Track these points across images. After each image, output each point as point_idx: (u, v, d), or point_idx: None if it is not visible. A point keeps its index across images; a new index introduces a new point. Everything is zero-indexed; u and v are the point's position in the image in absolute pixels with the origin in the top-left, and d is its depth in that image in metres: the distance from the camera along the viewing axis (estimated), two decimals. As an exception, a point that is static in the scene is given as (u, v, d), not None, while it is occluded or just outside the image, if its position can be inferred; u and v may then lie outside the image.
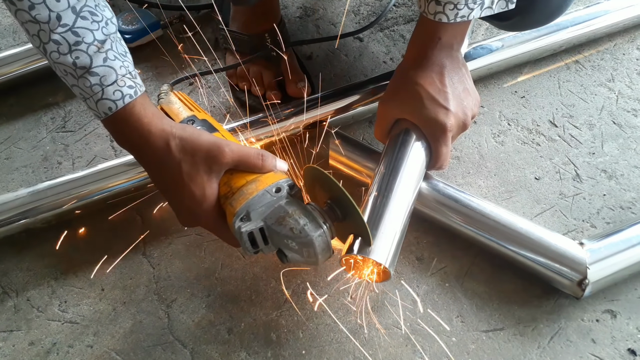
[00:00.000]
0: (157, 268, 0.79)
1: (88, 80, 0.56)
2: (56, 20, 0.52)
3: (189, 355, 0.71)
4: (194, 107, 0.74)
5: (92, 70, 0.55)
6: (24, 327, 0.75)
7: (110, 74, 0.56)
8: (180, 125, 0.63)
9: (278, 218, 0.58)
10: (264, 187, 0.60)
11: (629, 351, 0.68)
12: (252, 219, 0.58)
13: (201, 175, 0.61)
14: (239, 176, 0.62)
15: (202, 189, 0.61)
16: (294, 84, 0.93)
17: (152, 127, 0.60)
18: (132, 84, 0.59)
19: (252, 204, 0.59)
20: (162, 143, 0.60)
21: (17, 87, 1.03)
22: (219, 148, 0.61)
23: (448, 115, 0.67)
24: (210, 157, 0.61)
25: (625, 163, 0.86)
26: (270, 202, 0.59)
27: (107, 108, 0.58)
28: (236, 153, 0.62)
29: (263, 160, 0.63)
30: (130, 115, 0.59)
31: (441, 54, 0.69)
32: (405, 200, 0.67)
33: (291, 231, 0.57)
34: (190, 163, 0.60)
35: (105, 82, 0.56)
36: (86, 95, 0.57)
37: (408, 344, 0.70)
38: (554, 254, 0.69)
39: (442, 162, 0.71)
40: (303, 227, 0.57)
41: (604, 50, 1.02)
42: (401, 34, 1.08)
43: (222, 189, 0.63)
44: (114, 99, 0.57)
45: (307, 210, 0.59)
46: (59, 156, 0.94)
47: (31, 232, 0.82)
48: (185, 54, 0.95)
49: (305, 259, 0.59)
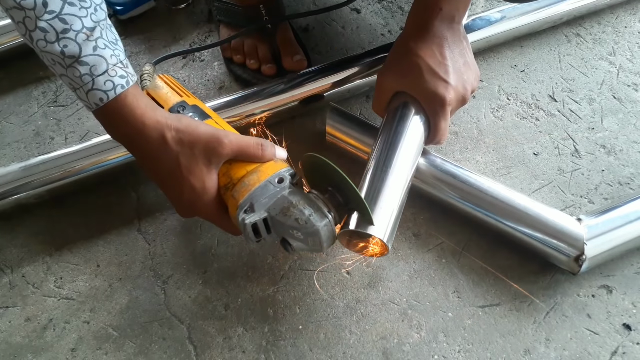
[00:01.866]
0: (153, 244, 0.79)
1: (77, 70, 0.53)
2: (42, 6, 0.50)
3: (186, 331, 0.71)
4: (183, 92, 0.72)
5: (81, 59, 0.53)
6: (20, 304, 0.75)
7: (100, 64, 0.54)
8: (175, 115, 0.62)
9: (282, 209, 0.58)
10: (265, 177, 0.60)
11: (624, 326, 0.68)
12: (256, 210, 0.58)
13: (200, 168, 0.60)
14: (238, 166, 0.62)
15: (202, 181, 0.60)
16: (290, 57, 0.91)
17: (146, 118, 0.58)
18: (124, 74, 0.57)
19: (255, 196, 0.59)
20: (157, 135, 0.59)
21: (6, 60, 1.01)
22: (218, 139, 0.60)
23: (448, 89, 0.66)
24: (209, 149, 0.60)
25: (625, 138, 0.85)
26: (273, 193, 0.59)
27: (97, 99, 0.56)
28: (235, 144, 0.61)
29: (263, 150, 0.62)
30: (123, 107, 0.57)
31: (442, 26, 0.67)
32: (404, 174, 0.66)
33: (296, 222, 0.57)
34: (189, 155, 0.59)
35: (95, 72, 0.54)
36: (76, 86, 0.55)
37: (404, 319, 0.70)
38: (551, 230, 0.68)
39: (440, 137, 0.70)
40: (308, 217, 0.57)
41: (605, 23, 1.00)
42: (399, 5, 1.06)
43: (222, 180, 0.62)
44: (104, 89, 0.55)
45: (310, 199, 0.59)
46: (51, 131, 0.92)
47: (25, 208, 0.81)
48: (179, 26, 0.93)
49: (310, 247, 0.60)
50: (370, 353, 0.68)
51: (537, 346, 0.67)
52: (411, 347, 0.68)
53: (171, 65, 0.99)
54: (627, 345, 0.67)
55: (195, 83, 0.97)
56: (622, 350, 0.67)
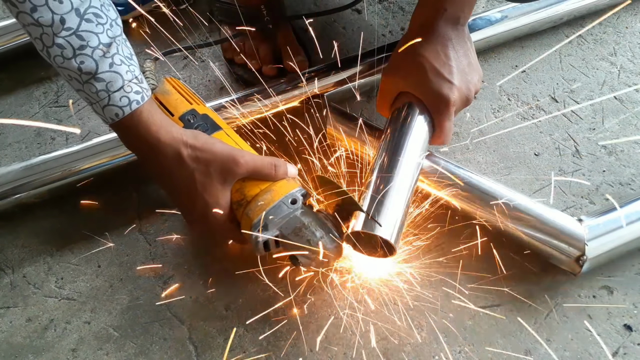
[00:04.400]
0: (154, 245, 0.79)
1: (94, 86, 0.55)
2: (60, 23, 0.51)
3: (187, 331, 0.71)
4: (193, 99, 0.73)
5: (98, 76, 0.54)
6: (21, 304, 0.75)
7: (116, 80, 0.55)
8: (191, 132, 0.63)
9: (294, 229, 0.61)
10: (279, 197, 0.63)
11: (624, 327, 0.68)
12: (269, 229, 0.61)
13: (215, 186, 0.62)
14: (252, 184, 0.64)
15: (216, 198, 0.62)
16: (291, 57, 0.91)
17: (162, 134, 0.60)
18: (139, 89, 0.58)
19: (268, 215, 0.61)
20: (172, 152, 0.60)
21: (7, 61, 1.01)
22: (234, 159, 0.62)
23: (452, 89, 0.66)
24: (226, 168, 0.62)
25: (626, 139, 0.85)
26: (286, 214, 0.62)
27: (113, 114, 0.57)
28: (251, 164, 0.63)
29: (276, 170, 0.64)
30: (139, 123, 0.59)
31: (447, 26, 0.67)
32: (409, 175, 0.66)
33: (308, 243, 0.61)
34: (204, 173, 0.61)
35: (111, 88, 0.55)
36: (92, 101, 0.57)
37: (405, 319, 0.70)
38: (552, 231, 0.68)
39: (445, 137, 0.70)
40: (320, 239, 0.61)
41: (606, 23, 1.00)
42: (400, 6, 1.06)
43: (235, 196, 0.64)
44: (120, 105, 0.56)
45: (321, 221, 0.63)
46: (52, 131, 0.92)
47: (26, 208, 0.81)
48: (180, 26, 0.93)
49: (317, 264, 0.63)
50: (371, 354, 0.68)
51: (537, 347, 0.67)
52: (412, 348, 0.68)
53: (173, 66, 0.99)
54: (628, 346, 0.67)
55: (196, 83, 0.97)
56: (623, 351, 0.67)
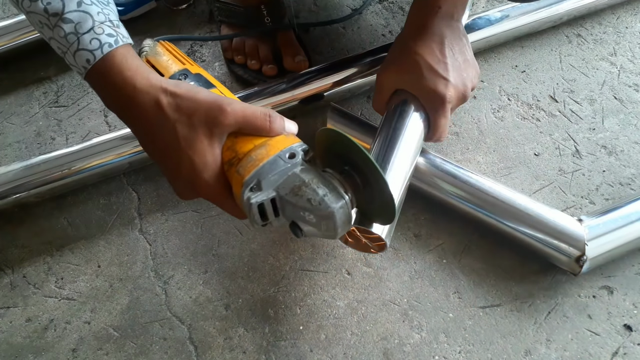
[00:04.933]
0: (154, 245, 0.79)
1: (62, 29, 0.49)
2: None
3: (187, 331, 0.71)
4: (186, 60, 0.64)
5: (65, 16, 0.49)
6: (21, 304, 0.75)
7: (85, 20, 0.50)
8: (173, 80, 0.55)
9: (293, 188, 0.51)
10: (275, 152, 0.53)
11: (625, 327, 0.68)
12: (263, 188, 0.51)
13: (201, 140, 0.53)
14: (245, 140, 0.55)
15: (203, 155, 0.53)
16: (291, 57, 0.91)
17: (137, 81, 0.52)
18: (113, 32, 0.51)
19: (262, 172, 0.52)
20: (150, 100, 0.52)
21: (7, 61, 1.01)
22: (220, 107, 0.52)
23: (447, 87, 0.66)
24: (211, 117, 0.52)
25: (626, 139, 0.85)
26: (283, 170, 0.52)
27: (84, 60, 0.51)
28: (240, 113, 0.53)
29: (271, 121, 0.55)
30: (111, 67, 0.51)
31: (441, 24, 0.67)
32: (403, 170, 0.65)
33: (309, 202, 0.50)
34: (187, 125, 0.52)
35: (80, 30, 0.50)
36: (63, 49, 0.51)
37: (405, 319, 0.70)
38: (552, 231, 0.68)
39: (440, 134, 0.70)
40: (322, 197, 0.50)
41: (606, 23, 1.00)
42: (400, 6, 1.06)
43: (226, 154, 0.55)
44: (90, 48, 0.50)
45: (325, 178, 0.52)
46: (52, 132, 0.92)
47: (26, 208, 0.81)
48: (180, 26, 0.93)
49: (323, 232, 0.52)
50: (371, 354, 0.68)
51: (537, 347, 0.67)
52: (412, 348, 0.68)
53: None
54: (628, 346, 0.67)
55: (196, 83, 0.97)
56: (623, 351, 0.67)
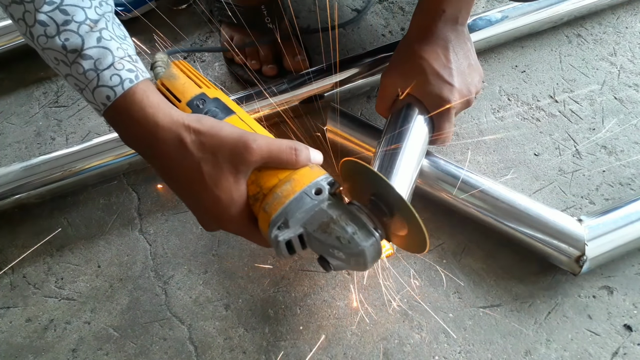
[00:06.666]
0: (154, 245, 0.79)
1: (81, 65, 0.48)
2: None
3: (187, 332, 0.71)
4: (202, 82, 0.63)
5: (84, 52, 0.48)
6: (21, 304, 0.75)
7: (105, 56, 0.49)
8: (195, 116, 0.54)
9: (321, 224, 0.50)
10: (301, 187, 0.52)
11: (624, 327, 0.68)
12: (291, 226, 0.51)
13: (227, 177, 0.52)
14: (269, 173, 0.54)
15: (229, 192, 0.53)
16: (291, 57, 0.91)
17: (160, 118, 0.51)
18: (133, 68, 0.51)
19: (289, 210, 0.51)
20: (173, 137, 0.51)
21: (7, 61, 1.01)
22: (246, 144, 0.52)
23: (452, 92, 0.66)
24: (236, 155, 0.52)
25: (626, 139, 0.85)
26: (310, 207, 0.51)
27: (104, 97, 0.50)
28: (265, 149, 0.52)
29: (297, 155, 0.54)
30: (132, 104, 0.50)
31: (446, 28, 0.67)
32: (408, 175, 0.66)
33: (338, 240, 0.50)
34: (212, 163, 0.52)
35: (100, 66, 0.49)
36: (82, 85, 0.50)
37: (405, 319, 0.70)
38: (552, 231, 0.68)
39: (444, 139, 0.70)
40: (352, 235, 0.49)
41: (606, 23, 1.00)
42: (400, 6, 1.06)
43: (250, 189, 0.54)
44: (111, 84, 0.49)
45: (353, 214, 0.51)
46: (52, 132, 0.92)
47: (26, 209, 0.81)
48: (180, 26, 0.93)
49: (352, 266, 0.52)
50: (371, 354, 0.68)
51: (537, 347, 0.67)
52: (412, 348, 0.68)
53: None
54: (628, 346, 0.67)
55: (196, 83, 0.97)
56: (623, 351, 0.67)
